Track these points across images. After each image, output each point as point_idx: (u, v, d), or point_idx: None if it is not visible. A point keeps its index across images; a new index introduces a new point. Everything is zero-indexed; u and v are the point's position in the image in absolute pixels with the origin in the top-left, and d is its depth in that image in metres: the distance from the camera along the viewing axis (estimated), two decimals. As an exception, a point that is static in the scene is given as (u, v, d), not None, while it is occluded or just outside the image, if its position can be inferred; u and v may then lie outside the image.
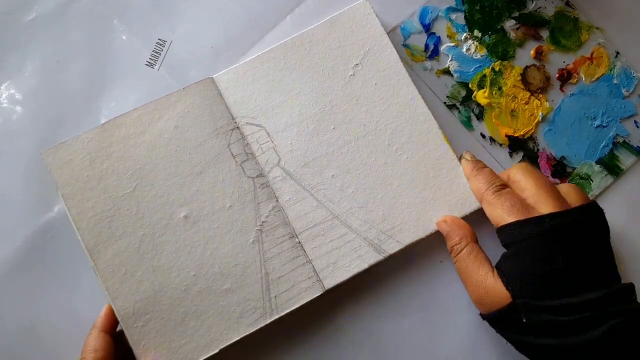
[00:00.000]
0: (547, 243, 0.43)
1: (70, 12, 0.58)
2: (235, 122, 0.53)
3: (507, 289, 0.44)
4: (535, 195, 0.46)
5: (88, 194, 0.51)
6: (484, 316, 0.47)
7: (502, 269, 0.46)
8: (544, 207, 0.45)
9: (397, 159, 0.54)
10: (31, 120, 0.56)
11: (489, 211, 0.48)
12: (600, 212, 0.46)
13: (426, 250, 0.53)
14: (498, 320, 0.46)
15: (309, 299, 0.50)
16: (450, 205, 0.53)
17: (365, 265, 0.51)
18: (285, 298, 0.50)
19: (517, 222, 0.45)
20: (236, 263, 0.51)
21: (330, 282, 0.51)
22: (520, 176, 0.48)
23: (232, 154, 0.53)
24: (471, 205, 0.52)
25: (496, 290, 0.45)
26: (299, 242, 0.52)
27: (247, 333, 0.50)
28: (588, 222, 0.45)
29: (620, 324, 0.41)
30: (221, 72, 0.54)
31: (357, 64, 0.55)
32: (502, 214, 0.46)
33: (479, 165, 0.52)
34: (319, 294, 0.51)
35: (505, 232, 0.46)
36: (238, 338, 0.49)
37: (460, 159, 0.53)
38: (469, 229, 0.50)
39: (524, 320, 0.43)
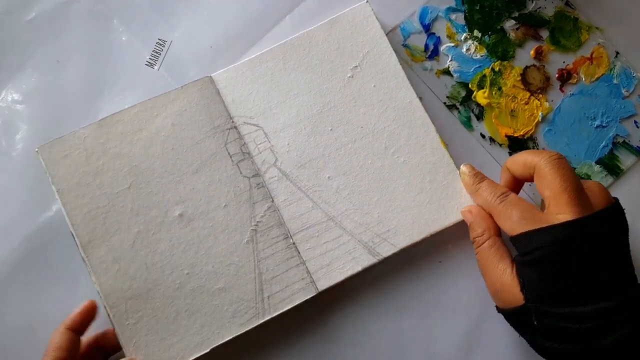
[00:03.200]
0: (560, 252, 0.42)
1: (70, 12, 0.58)
2: (233, 122, 0.54)
3: (522, 290, 0.44)
4: (556, 199, 0.44)
5: (83, 190, 0.51)
6: (499, 309, 0.47)
7: (519, 271, 0.45)
8: (562, 212, 0.43)
9: (393, 162, 0.53)
10: (30, 120, 0.56)
11: (500, 223, 0.47)
12: (620, 214, 0.45)
13: (425, 250, 0.53)
14: (511, 317, 0.46)
15: (302, 300, 0.50)
16: (446, 209, 0.52)
17: (359, 268, 0.51)
18: (278, 299, 0.50)
19: (528, 233, 0.44)
20: (230, 262, 0.51)
21: (323, 284, 0.51)
22: (547, 171, 0.45)
23: (229, 153, 0.53)
24: None
25: (512, 289, 0.44)
26: (294, 243, 0.51)
27: (239, 333, 0.49)
28: (604, 228, 0.43)
29: (632, 332, 0.40)
30: (220, 71, 0.55)
31: (356, 66, 0.55)
32: (512, 225, 0.45)
33: (477, 179, 0.51)
34: (312, 295, 0.50)
35: (519, 242, 0.45)
36: (230, 338, 0.49)
37: (460, 173, 0.53)
38: (492, 222, 0.49)
39: (535, 323, 0.43)
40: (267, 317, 0.50)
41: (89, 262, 0.50)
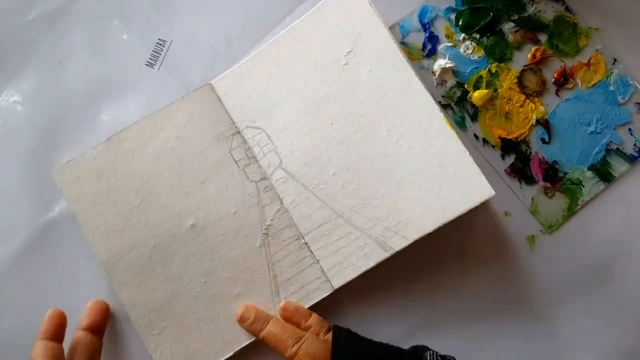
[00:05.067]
0: None
1: (71, 12, 0.57)
2: (236, 127, 0.54)
3: None
4: None
5: (98, 209, 0.52)
6: None
7: None
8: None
9: (398, 149, 0.52)
10: (32, 119, 0.56)
11: None
12: None
13: (427, 250, 0.54)
14: None
15: (319, 299, 0.52)
16: (457, 195, 0.50)
17: (372, 264, 0.51)
18: (295, 299, 0.52)
19: None
20: (245, 268, 0.52)
21: (338, 282, 0.51)
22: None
23: (235, 160, 0.53)
24: (481, 195, 0.50)
25: None
26: (305, 243, 0.52)
27: (260, 335, 0.51)
28: None
29: None
30: (218, 77, 0.54)
31: (349, 51, 0.53)
32: None
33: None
34: (328, 294, 0.51)
35: None
36: (251, 340, 0.51)
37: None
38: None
39: None
40: (285, 319, 0.52)
41: (111, 278, 0.51)
